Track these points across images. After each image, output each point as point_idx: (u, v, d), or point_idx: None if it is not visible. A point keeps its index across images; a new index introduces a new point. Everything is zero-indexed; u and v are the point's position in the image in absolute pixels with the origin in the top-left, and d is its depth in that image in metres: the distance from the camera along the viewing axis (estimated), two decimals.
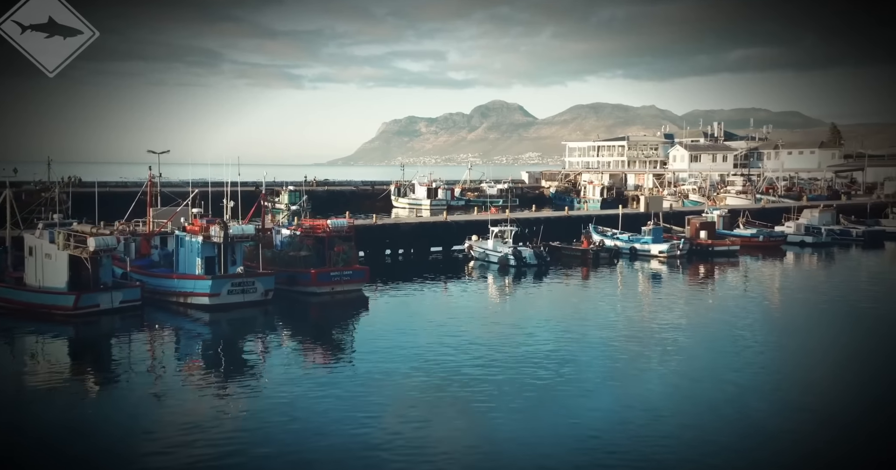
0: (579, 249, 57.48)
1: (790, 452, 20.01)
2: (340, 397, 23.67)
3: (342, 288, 40.68)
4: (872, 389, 26.07)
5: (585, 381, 25.98)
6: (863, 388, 26.33)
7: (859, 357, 30.74)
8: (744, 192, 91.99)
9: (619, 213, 63.93)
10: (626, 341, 32.25)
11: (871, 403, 24.44)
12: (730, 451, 19.76)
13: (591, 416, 22.38)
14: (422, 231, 59.66)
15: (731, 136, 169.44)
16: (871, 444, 20.92)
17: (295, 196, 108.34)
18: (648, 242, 58.37)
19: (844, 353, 31.54)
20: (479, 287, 47.90)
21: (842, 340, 33.95)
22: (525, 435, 20.73)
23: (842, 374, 28.29)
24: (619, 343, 31.92)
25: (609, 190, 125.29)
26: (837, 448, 20.46)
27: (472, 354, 29.45)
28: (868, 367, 29.22)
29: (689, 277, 53.61)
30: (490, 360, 28.54)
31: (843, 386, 26.69)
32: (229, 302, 35.92)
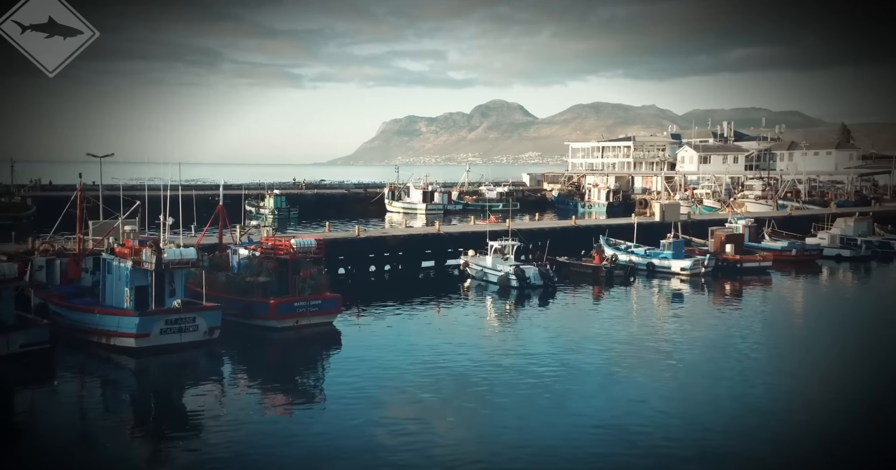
0: (590, 266, 50.47)
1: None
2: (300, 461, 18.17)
3: (309, 321, 33.63)
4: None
5: (607, 443, 19.29)
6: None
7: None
8: (764, 197, 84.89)
9: (634, 223, 56.82)
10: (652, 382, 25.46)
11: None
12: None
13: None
14: (411, 244, 52.67)
15: (740, 136, 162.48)
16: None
17: (280, 200, 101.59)
18: (668, 258, 51.34)
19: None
20: (475, 314, 40.86)
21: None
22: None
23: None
24: (643, 386, 25.29)
25: (615, 193, 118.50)
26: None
27: (466, 411, 22.68)
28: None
29: (718, 299, 46.61)
30: (489, 426, 21.69)
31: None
32: (162, 343, 28.84)
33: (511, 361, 29.92)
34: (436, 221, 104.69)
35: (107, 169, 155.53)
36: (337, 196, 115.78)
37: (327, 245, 49.36)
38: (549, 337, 34.85)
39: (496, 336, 35.50)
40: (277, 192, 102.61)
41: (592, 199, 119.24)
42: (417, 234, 53.61)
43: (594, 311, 42.42)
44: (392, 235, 52.33)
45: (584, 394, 25.81)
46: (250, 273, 34.33)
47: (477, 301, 44.20)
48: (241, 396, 25.48)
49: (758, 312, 42.57)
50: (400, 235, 52.80)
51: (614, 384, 27.11)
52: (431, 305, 42.91)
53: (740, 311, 42.72)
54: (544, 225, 60.27)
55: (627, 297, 46.45)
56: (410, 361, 29.75)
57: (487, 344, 33.22)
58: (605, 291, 47.45)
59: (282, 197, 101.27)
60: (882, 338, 36.13)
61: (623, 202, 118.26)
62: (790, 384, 27.65)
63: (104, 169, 49.09)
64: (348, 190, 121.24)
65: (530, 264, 46.99)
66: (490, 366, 29.10)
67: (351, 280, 49.34)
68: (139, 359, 28.51)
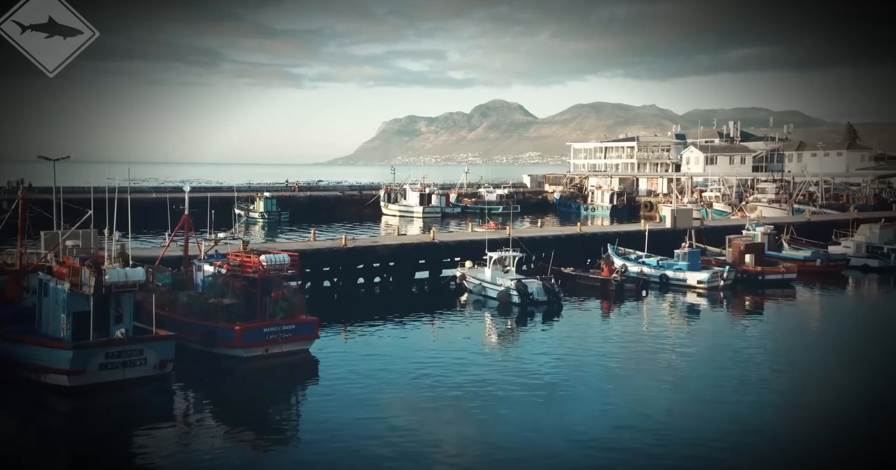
0: (598, 279, 46.13)
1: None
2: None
3: (280, 349, 29.32)
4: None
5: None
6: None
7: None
8: (777, 200, 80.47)
9: (645, 231, 52.44)
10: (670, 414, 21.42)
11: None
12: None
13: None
14: (403, 254, 48.37)
15: (747, 136, 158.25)
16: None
17: (271, 204, 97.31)
18: (683, 270, 46.99)
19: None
20: (472, 335, 36.53)
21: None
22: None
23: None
24: (661, 424, 21.35)
25: (619, 196, 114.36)
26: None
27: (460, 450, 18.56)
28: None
29: (740, 316, 42.32)
30: None
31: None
32: (102, 381, 24.51)
33: (513, 392, 25.67)
34: (433, 225, 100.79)
35: (104, 169, 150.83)
36: (330, 198, 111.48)
37: (311, 256, 45.32)
38: (555, 361, 30.72)
39: (496, 364, 31.14)
40: (268, 194, 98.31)
41: (596, 201, 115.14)
42: (410, 243, 49.31)
43: (603, 330, 38.12)
44: (382, 245, 48.02)
45: (595, 425, 21.78)
46: (214, 294, 30.01)
47: (474, 319, 39.92)
48: (196, 442, 21.25)
49: (785, 331, 38.32)
50: (391, 244, 48.50)
51: (629, 416, 23.12)
52: (424, 324, 38.59)
53: (766, 330, 38.44)
54: (547, 232, 55.92)
55: (640, 313, 42.17)
56: (397, 396, 25.61)
57: (486, 374, 28.88)
58: (615, 306, 43.19)
59: (272, 200, 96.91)
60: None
61: (627, 205, 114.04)
62: (827, 421, 23.44)
63: (102, 169, 45.39)
64: (342, 192, 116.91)
65: (533, 278, 42.68)
66: (490, 402, 24.88)
67: (337, 294, 45.12)
68: (73, 400, 24.20)
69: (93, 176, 78.61)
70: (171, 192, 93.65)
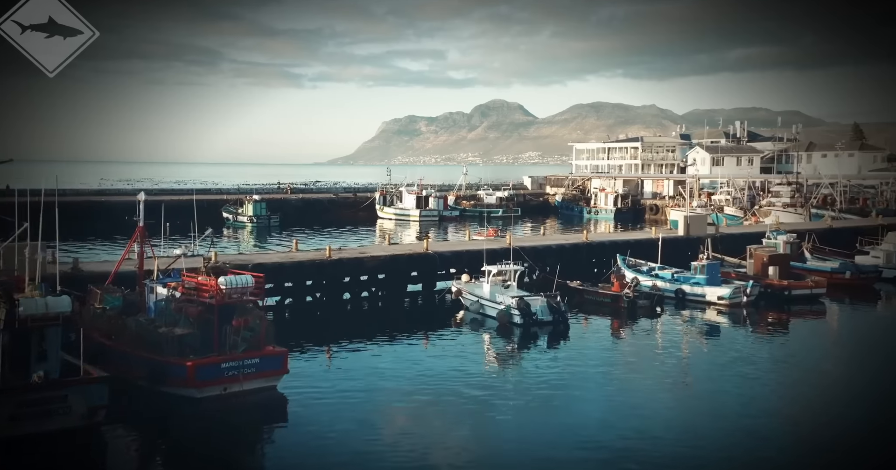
0: (609, 294, 41.78)
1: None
2: None
3: (242, 387, 24.99)
4: None
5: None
6: None
7: None
8: (793, 205, 76.06)
9: (659, 239, 48.04)
10: None
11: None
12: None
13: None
14: (394, 266, 44.05)
15: (754, 136, 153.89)
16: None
17: (260, 207, 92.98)
18: (702, 284, 42.64)
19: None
20: (468, 361, 32.09)
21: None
22: None
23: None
24: None
25: (623, 199, 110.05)
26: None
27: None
28: None
29: (766, 336, 37.97)
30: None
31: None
32: (13, 435, 20.14)
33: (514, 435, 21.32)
34: (430, 229, 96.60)
35: (99, 170, 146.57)
36: (324, 201, 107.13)
37: (292, 269, 41.04)
38: (561, 391, 26.47)
39: (496, 403, 26.80)
40: (257, 197, 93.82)
41: (599, 204, 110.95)
42: (401, 254, 44.96)
43: (615, 355, 33.86)
44: (370, 257, 43.68)
45: None
46: (166, 321, 25.67)
47: (471, 343, 35.55)
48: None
49: (819, 355, 34.08)
50: (380, 255, 44.16)
51: (647, 456, 18.78)
52: (414, 349, 34.23)
53: (797, 354, 34.08)
54: (551, 241, 51.55)
55: (655, 335, 37.90)
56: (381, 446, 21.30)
57: (482, 416, 24.58)
58: (627, 325, 38.94)
59: (261, 203, 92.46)
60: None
61: (632, 208, 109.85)
62: None
63: (96, 169, 41.24)
64: (336, 195, 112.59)
65: (536, 295, 38.31)
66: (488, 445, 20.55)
67: (320, 311, 40.83)
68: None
69: (91, 176, 74.64)
70: (132, 195, 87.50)
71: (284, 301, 40.72)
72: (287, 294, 40.80)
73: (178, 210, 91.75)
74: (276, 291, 40.49)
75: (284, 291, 40.75)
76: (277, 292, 40.50)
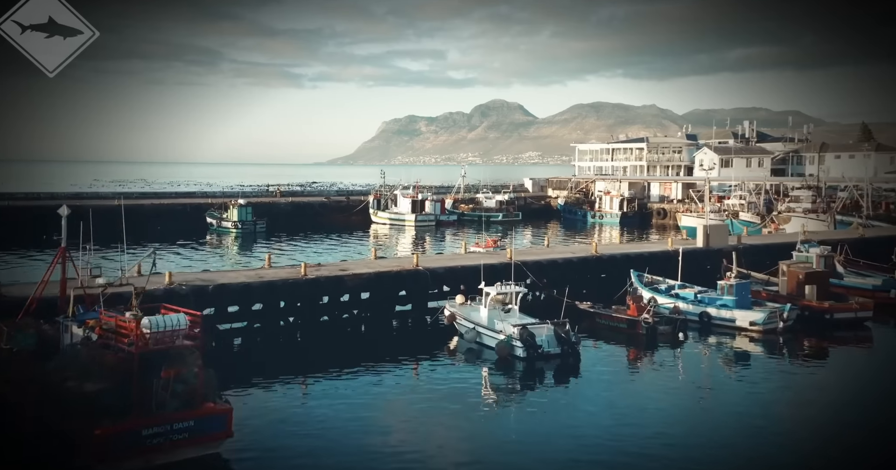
0: (625, 319, 36.38)
1: None
2: None
3: (172, 457, 19.65)
4: None
5: None
6: None
7: None
8: (814, 210, 70.67)
9: (678, 251, 42.62)
10: None
11: None
12: None
13: None
14: (379, 285, 38.70)
15: (763, 136, 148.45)
16: None
17: (245, 212, 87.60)
18: (730, 307, 37.25)
19: None
20: (462, 402, 26.76)
21: None
22: None
23: None
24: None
25: (630, 202, 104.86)
26: None
27: None
28: None
29: (809, 370, 32.63)
30: None
31: None
32: None
33: None
34: (426, 235, 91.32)
35: (98, 170, 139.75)
36: (315, 205, 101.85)
37: (261, 290, 35.69)
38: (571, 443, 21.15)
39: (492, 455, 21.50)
40: (242, 201, 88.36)
41: (604, 208, 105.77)
42: (387, 270, 39.54)
43: (634, 393, 28.49)
44: (352, 274, 38.30)
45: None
46: (77, 372, 20.31)
47: (465, 380, 30.14)
48: None
49: (875, 395, 28.62)
50: (363, 273, 38.78)
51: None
52: (401, 385, 28.89)
53: (848, 392, 28.72)
54: (556, 255, 46.13)
55: (678, 368, 32.60)
56: None
57: None
58: (646, 356, 33.71)
59: (247, 208, 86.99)
60: None
61: (639, 212, 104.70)
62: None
63: (96, 169, 36.33)
64: (328, 198, 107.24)
65: (542, 323, 32.94)
66: None
67: (292, 339, 35.54)
68: None
69: (85, 177, 69.32)
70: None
71: (252, 326, 35.43)
72: (254, 319, 35.50)
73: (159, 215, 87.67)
74: (242, 316, 35.25)
75: (251, 316, 35.45)
76: (243, 317, 35.24)
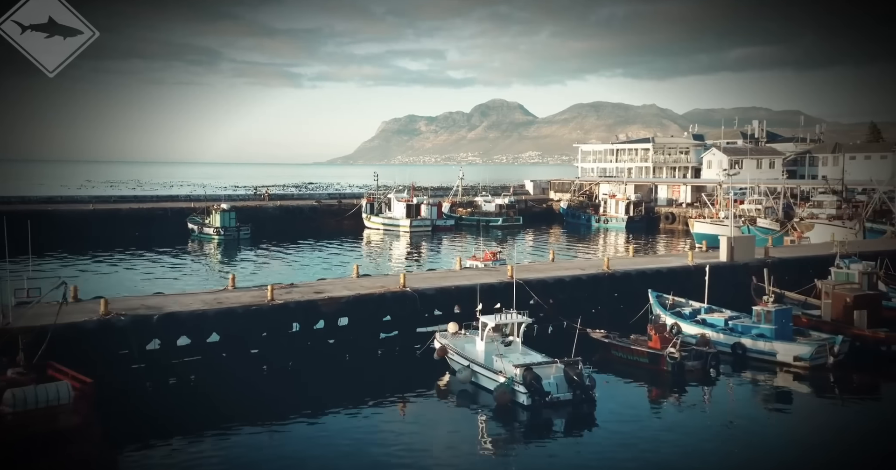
0: (645, 352, 31.00)
1: None
2: None
3: None
4: None
5: None
6: None
7: None
8: (839, 216, 65.21)
9: (706, 270, 37.14)
10: None
11: None
12: None
13: None
14: (359, 310, 33.31)
15: (773, 136, 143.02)
16: None
17: (228, 217, 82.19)
18: (769, 337, 31.82)
19: None
20: (454, 457, 21.50)
21: None
22: None
23: None
24: None
25: (636, 206, 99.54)
26: None
27: None
28: None
29: (868, 415, 27.24)
30: None
31: None
32: None
33: None
34: (422, 241, 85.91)
35: (97, 170, 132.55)
36: (305, 209, 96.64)
37: (219, 318, 30.38)
38: None
39: None
40: (225, 206, 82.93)
41: (609, 212, 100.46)
42: (369, 293, 34.11)
43: (657, 445, 23.07)
44: (327, 298, 32.89)
45: None
46: None
47: (457, 431, 24.80)
48: None
49: None
50: (342, 296, 33.38)
51: None
52: (383, 430, 23.48)
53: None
54: (563, 272, 40.62)
55: (709, 411, 27.29)
56: None
57: None
58: (671, 397, 28.40)
59: (230, 213, 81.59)
60: None
61: (646, 216, 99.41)
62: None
63: (95, 170, 31.38)
64: (318, 201, 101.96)
65: (550, 362, 27.53)
66: None
67: (264, 369, 30.10)
68: None
69: (77, 178, 63.96)
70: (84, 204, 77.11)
71: (209, 361, 30.01)
72: (211, 353, 30.10)
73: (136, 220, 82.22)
74: (195, 349, 29.83)
75: (207, 350, 30.06)
76: (196, 350, 29.82)
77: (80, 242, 72.34)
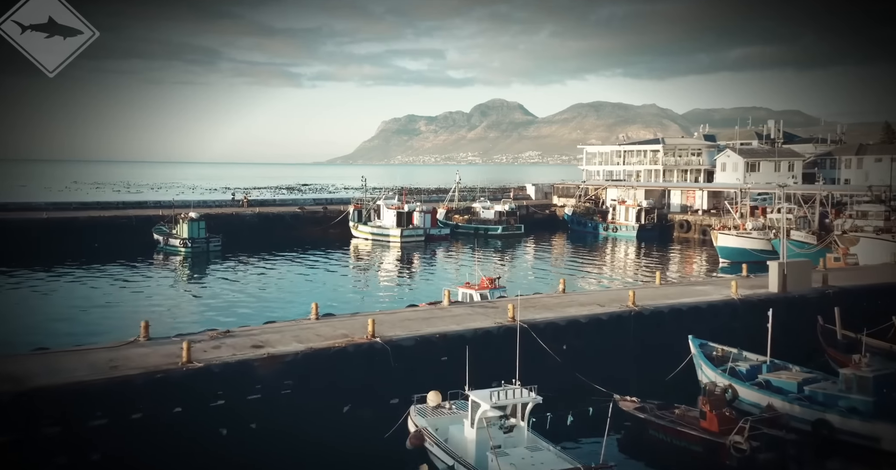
0: (699, 437, 22.44)
1: None
2: None
3: None
4: None
5: None
6: None
7: None
8: (888, 229, 56.78)
9: (769, 318, 28.39)
10: None
11: None
12: None
13: None
14: (311, 369, 24.73)
15: (790, 136, 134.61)
16: None
17: (197, 227, 73.80)
18: (866, 413, 23.30)
19: None
20: None
21: None
22: None
23: None
24: None
25: (648, 213, 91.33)
26: None
27: None
28: None
29: None
30: None
31: None
32: None
33: None
34: (414, 253, 77.53)
35: (97, 170, 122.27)
36: (286, 216, 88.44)
37: (110, 392, 21.60)
38: None
39: None
40: (193, 214, 74.50)
41: (618, 219, 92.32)
42: (325, 348, 25.59)
43: None
44: (267, 356, 24.33)
45: None
46: None
47: None
48: None
49: None
50: (287, 352, 24.83)
51: None
52: None
53: None
54: (577, 310, 31.81)
55: None
56: None
57: None
58: None
59: (199, 222, 73.24)
60: None
61: (659, 224, 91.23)
62: None
63: (92, 169, 23.57)
64: (302, 208, 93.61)
65: (568, 464, 19.04)
66: None
67: (174, 460, 21.54)
68: None
69: (66, 179, 55.74)
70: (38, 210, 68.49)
71: (92, 453, 21.44)
72: (88, 447, 21.48)
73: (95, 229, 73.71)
74: (66, 444, 21.16)
75: (84, 440, 21.40)
76: (66, 446, 21.16)
77: (27, 255, 64.27)
